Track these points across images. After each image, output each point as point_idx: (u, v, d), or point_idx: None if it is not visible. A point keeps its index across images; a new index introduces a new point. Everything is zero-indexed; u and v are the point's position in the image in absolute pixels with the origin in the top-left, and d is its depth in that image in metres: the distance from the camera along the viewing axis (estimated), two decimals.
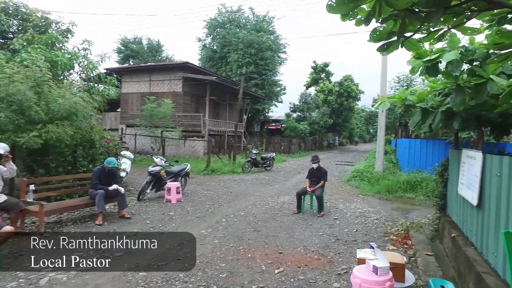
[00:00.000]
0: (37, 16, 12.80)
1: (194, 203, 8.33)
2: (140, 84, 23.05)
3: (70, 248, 5.00)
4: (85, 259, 4.56)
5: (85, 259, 4.56)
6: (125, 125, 21.88)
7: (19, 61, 8.42)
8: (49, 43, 11.41)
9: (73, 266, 4.32)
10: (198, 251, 4.95)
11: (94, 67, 11.90)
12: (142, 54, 38.06)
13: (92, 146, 8.16)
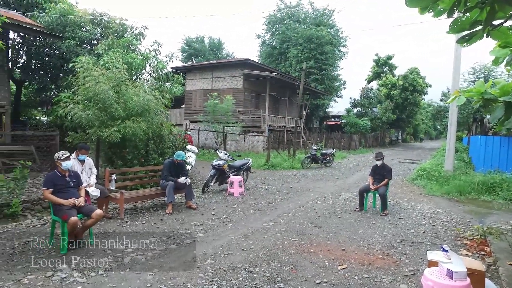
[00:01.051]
0: (116, 23, 14.06)
1: (255, 197, 8.56)
2: (203, 82, 24.09)
3: (145, 232, 5.53)
4: (158, 243, 5.00)
5: (158, 244, 5.00)
6: (189, 120, 23.06)
7: (102, 64, 9.36)
8: (125, 46, 12.49)
9: (149, 248, 4.78)
10: (261, 243, 5.11)
11: (163, 66, 12.74)
12: (204, 52, 39.67)
13: (161, 141, 8.82)
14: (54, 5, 13.20)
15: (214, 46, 41.66)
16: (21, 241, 4.85)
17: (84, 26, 13.64)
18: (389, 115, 33.73)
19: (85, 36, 13.11)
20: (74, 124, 7.96)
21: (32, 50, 14.34)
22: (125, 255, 4.49)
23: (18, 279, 3.74)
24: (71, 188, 4.78)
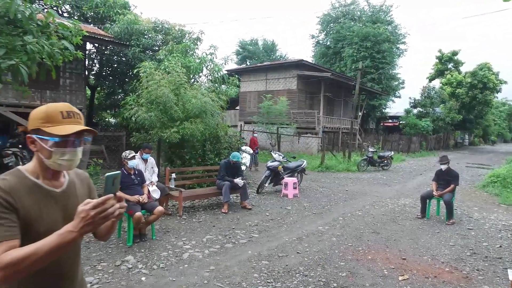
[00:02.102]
0: (175, 30, 14.83)
1: (310, 199, 8.45)
2: (257, 83, 24.39)
3: (202, 230, 5.73)
4: (214, 242, 5.16)
5: (214, 242, 5.16)
6: (244, 121, 23.48)
7: (163, 69, 9.92)
8: (184, 51, 13.11)
9: (206, 246, 4.94)
10: (316, 247, 5.02)
11: (219, 69, 13.15)
12: (258, 55, 40.18)
13: (217, 141, 9.09)
14: (122, 17, 14.31)
15: (268, 48, 42.01)
16: None
17: (147, 33, 14.59)
18: (454, 115, 31.15)
19: (148, 43, 14.01)
20: (138, 125, 8.55)
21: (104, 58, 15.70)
22: (184, 251, 4.69)
23: (93, 265, 4.11)
24: (136, 185, 5.13)
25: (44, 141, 1.24)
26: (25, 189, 1.23)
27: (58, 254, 1.10)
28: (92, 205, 1.06)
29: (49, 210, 1.27)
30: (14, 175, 1.25)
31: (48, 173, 1.31)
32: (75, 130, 1.24)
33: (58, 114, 1.26)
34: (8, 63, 4.29)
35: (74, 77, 11.77)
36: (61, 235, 1.07)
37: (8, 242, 1.10)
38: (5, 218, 1.13)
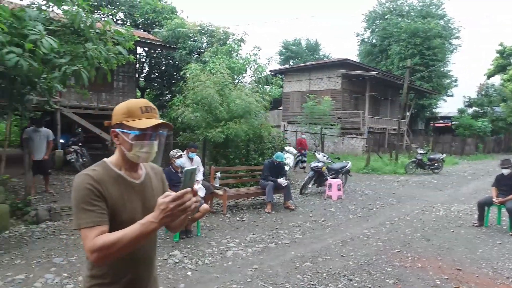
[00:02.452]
0: (219, 32, 15.17)
1: (354, 201, 8.21)
2: (300, 83, 24.19)
3: (246, 229, 5.80)
4: (257, 241, 5.20)
5: (258, 241, 5.20)
6: (287, 122, 23.42)
7: (208, 70, 10.20)
8: (228, 52, 13.37)
9: (249, 244, 5.00)
10: (362, 251, 4.87)
11: (262, 70, 13.24)
12: (301, 54, 39.80)
13: (261, 141, 9.16)
14: (170, 21, 14.93)
15: (311, 48, 41.47)
16: None
17: (193, 36, 15.08)
18: None
19: (193, 46, 14.47)
20: (184, 125, 8.88)
21: (153, 62, 16.48)
22: (228, 248, 4.79)
23: None
24: None
25: (126, 135, 1.33)
26: (111, 179, 1.33)
27: (141, 242, 1.18)
28: (172, 198, 1.11)
29: (131, 200, 1.36)
30: (102, 167, 1.35)
31: (129, 165, 1.40)
32: (153, 123, 1.32)
33: (138, 109, 1.34)
34: (72, 69, 4.66)
35: (126, 79, 12.50)
36: (144, 224, 1.14)
37: (99, 227, 1.20)
38: (96, 205, 1.24)
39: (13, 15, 4.37)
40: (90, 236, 1.18)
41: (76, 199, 1.25)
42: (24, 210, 5.66)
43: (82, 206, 1.22)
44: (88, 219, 1.21)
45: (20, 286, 3.53)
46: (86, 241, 1.18)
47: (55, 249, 4.52)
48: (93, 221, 1.21)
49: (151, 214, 1.15)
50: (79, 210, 1.23)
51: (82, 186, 1.25)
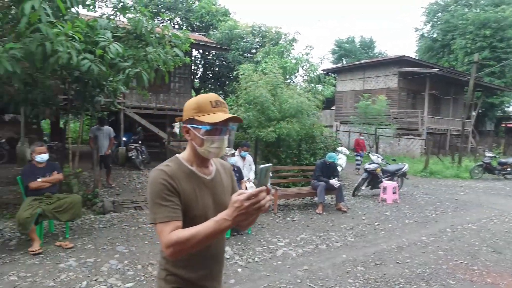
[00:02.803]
0: (272, 32, 15.28)
1: (411, 206, 7.76)
2: (354, 82, 23.43)
3: (296, 229, 5.76)
4: (308, 242, 5.14)
5: (308, 242, 5.14)
6: (339, 122, 22.84)
7: (260, 70, 10.32)
8: (280, 52, 13.40)
9: (299, 245, 4.96)
10: (419, 259, 4.59)
11: (315, 69, 13.08)
12: (355, 52, 38.54)
13: (313, 141, 9.04)
14: (223, 23, 15.37)
15: (365, 45, 39.97)
16: None
17: (246, 37, 15.37)
18: None
19: (246, 46, 14.74)
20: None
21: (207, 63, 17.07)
22: (278, 248, 4.80)
23: None
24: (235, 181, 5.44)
25: (197, 130, 1.34)
26: (184, 175, 1.34)
27: (214, 239, 1.19)
28: (246, 196, 1.09)
29: (202, 195, 1.37)
30: (175, 162, 1.37)
31: (200, 160, 1.41)
32: (224, 117, 1.30)
33: (208, 103, 1.34)
34: (134, 71, 5.01)
35: (182, 81, 13.10)
36: (217, 222, 1.13)
37: (174, 223, 1.23)
38: (170, 200, 1.26)
39: (87, 25, 4.81)
40: (166, 231, 1.20)
41: (151, 194, 1.27)
42: (93, 201, 6.20)
43: (157, 201, 1.25)
44: (162, 214, 1.23)
45: (90, 268, 3.88)
46: (162, 235, 1.21)
47: (118, 238, 4.89)
48: (167, 216, 1.23)
49: (225, 211, 1.13)
50: (154, 205, 1.25)
51: (157, 181, 1.27)
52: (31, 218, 4.12)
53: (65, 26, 4.10)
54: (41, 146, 4.69)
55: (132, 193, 7.54)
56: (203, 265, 1.40)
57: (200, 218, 1.25)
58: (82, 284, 3.49)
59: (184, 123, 1.39)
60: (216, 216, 1.15)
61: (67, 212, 4.51)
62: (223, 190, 1.46)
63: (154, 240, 4.84)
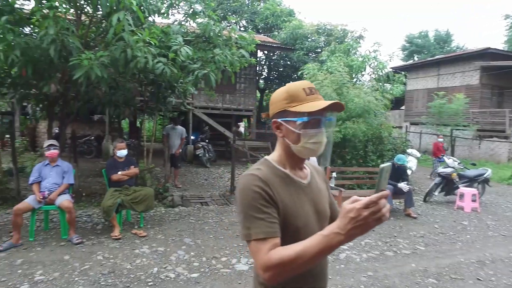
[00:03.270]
0: (337, 30, 14.91)
1: (496, 216, 6.94)
2: (427, 80, 21.73)
3: None
4: (373, 247, 4.90)
5: (373, 247, 4.90)
6: (409, 122, 21.39)
7: (325, 69, 10.13)
8: (346, 50, 13.00)
9: (364, 250, 4.76)
10: (508, 279, 4.06)
11: (383, 66, 12.42)
12: (428, 48, 35.70)
13: (380, 142, 8.60)
14: (288, 24, 15.40)
15: (441, 39, 36.76)
16: None
17: (310, 37, 15.21)
18: None
19: (311, 46, 14.59)
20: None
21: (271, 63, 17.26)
22: (341, 251, 4.66)
23: None
24: None
25: (291, 123, 1.14)
26: (279, 180, 1.13)
27: (323, 257, 0.99)
28: (365, 204, 0.89)
29: (302, 203, 1.15)
30: (265, 165, 1.17)
31: (294, 162, 1.20)
32: (327, 103, 1.09)
33: (301, 91, 1.14)
34: (202, 72, 5.28)
35: (247, 81, 13.42)
36: (327, 236, 0.93)
37: (272, 240, 1.02)
38: (266, 212, 1.05)
39: (162, 31, 5.22)
40: (263, 250, 1.00)
41: (243, 204, 1.07)
42: (164, 195, 6.67)
43: (250, 213, 1.04)
44: (258, 229, 1.02)
45: (161, 256, 4.18)
46: (258, 255, 1.00)
47: (185, 230, 5.19)
48: (264, 231, 1.02)
49: (335, 224, 0.93)
50: (248, 218, 1.05)
51: (249, 188, 1.07)
52: (112, 207, 4.60)
53: (143, 33, 4.49)
54: (122, 143, 5.19)
55: (198, 189, 7.95)
56: (307, 285, 1.17)
57: (303, 231, 1.07)
58: (153, 270, 3.79)
59: (273, 118, 1.19)
60: (323, 230, 0.95)
61: (142, 203, 4.93)
62: (321, 196, 1.25)
63: (218, 235, 5.05)
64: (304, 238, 0.99)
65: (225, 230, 5.29)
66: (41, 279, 3.49)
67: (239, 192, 1.09)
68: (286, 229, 1.08)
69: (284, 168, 1.18)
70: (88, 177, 8.12)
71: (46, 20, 4.09)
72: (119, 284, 3.46)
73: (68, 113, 6.44)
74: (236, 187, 1.14)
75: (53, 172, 4.71)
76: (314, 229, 1.08)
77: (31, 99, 6.31)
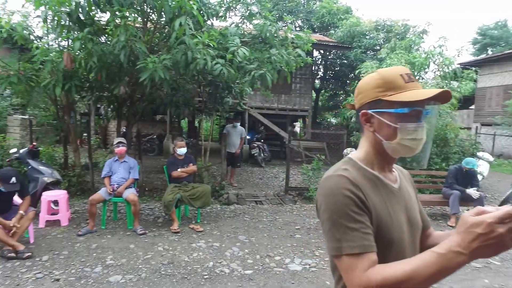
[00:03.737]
0: (398, 26, 14.12)
1: None
2: (503, 76, 19.62)
3: None
4: None
5: None
6: (480, 123, 19.54)
7: (384, 67, 9.65)
8: (408, 46, 12.25)
9: None
10: None
11: (450, 62, 11.47)
12: (506, 39, 32.19)
13: (446, 144, 7.97)
14: (345, 21, 14.97)
15: None
16: (315, 220, 5.84)
17: (369, 34, 14.60)
18: None
19: (369, 43, 14.00)
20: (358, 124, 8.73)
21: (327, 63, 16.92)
22: None
23: (312, 250, 4.54)
24: None
25: (387, 116, 0.97)
26: (369, 183, 0.97)
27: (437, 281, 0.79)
28: (499, 217, 0.71)
29: (396, 211, 0.98)
30: (352, 165, 1.00)
31: (385, 162, 1.04)
32: (434, 92, 0.91)
33: (399, 77, 0.97)
34: (259, 73, 5.37)
35: (303, 81, 13.32)
36: (443, 256, 0.76)
37: (369, 255, 0.85)
38: (360, 221, 0.88)
39: (220, 34, 5.41)
40: (359, 268, 0.84)
41: (332, 211, 0.90)
42: (220, 192, 6.89)
43: (341, 221, 0.88)
44: (352, 242, 0.86)
45: (216, 251, 4.33)
46: (353, 274, 0.84)
47: (240, 228, 5.30)
48: (360, 245, 0.86)
49: (453, 240, 0.76)
50: (338, 228, 0.88)
51: (339, 192, 0.90)
52: (172, 202, 4.87)
53: (202, 36, 4.69)
54: (182, 141, 5.47)
55: (253, 188, 8.08)
56: None
57: (396, 245, 0.92)
58: (209, 264, 3.93)
59: (362, 109, 1.02)
60: (438, 247, 0.78)
61: (199, 199, 5.14)
62: (411, 203, 1.07)
63: (272, 234, 5.08)
64: (396, 253, 0.88)
65: (279, 230, 5.30)
66: (111, 263, 3.83)
67: (325, 197, 0.92)
68: (378, 242, 0.90)
69: (372, 169, 1.02)
70: (150, 173, 8.68)
71: (118, 29, 4.48)
72: (178, 274, 3.65)
73: (134, 113, 6.96)
74: (320, 190, 0.97)
75: (121, 167, 5.13)
76: (407, 242, 0.94)
77: (104, 100, 6.95)
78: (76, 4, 4.60)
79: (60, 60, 5.08)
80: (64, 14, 4.70)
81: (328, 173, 0.99)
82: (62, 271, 3.61)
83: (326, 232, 0.92)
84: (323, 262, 4.15)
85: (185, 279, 3.56)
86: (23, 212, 3.96)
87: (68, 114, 6.55)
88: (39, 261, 3.81)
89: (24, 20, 5.37)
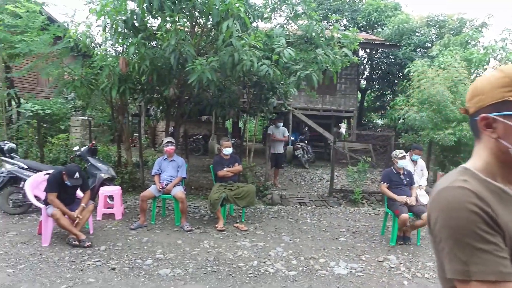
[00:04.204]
0: (452, 20, 13.26)
1: None
2: None
3: None
4: None
5: None
6: None
7: (437, 65, 9.12)
8: (463, 42, 11.47)
9: None
10: None
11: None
12: None
13: None
14: (393, 18, 14.36)
15: None
16: (360, 224, 5.69)
17: (419, 31, 13.86)
18: None
19: (419, 41, 13.31)
20: (406, 126, 8.32)
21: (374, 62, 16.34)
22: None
23: (358, 254, 4.41)
24: (404, 186, 5.01)
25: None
26: (494, 197, 0.81)
27: None
28: None
29: None
30: (470, 176, 0.86)
31: (509, 173, 0.87)
32: None
33: None
34: (304, 73, 5.33)
35: (348, 82, 12.99)
36: None
37: (508, 285, 0.72)
38: (492, 242, 0.75)
39: (266, 35, 5.46)
40: None
41: (453, 228, 0.77)
42: (264, 193, 6.94)
43: (467, 240, 0.75)
44: (484, 267, 0.73)
45: (260, 251, 4.37)
46: None
47: (284, 228, 5.29)
48: (495, 271, 0.72)
49: None
50: (464, 249, 0.76)
51: (463, 207, 0.78)
52: (218, 200, 5.00)
53: (248, 38, 4.76)
54: (228, 141, 5.59)
55: (297, 189, 8.03)
56: None
57: None
58: (253, 263, 3.98)
59: (481, 113, 0.87)
60: None
61: (244, 199, 5.22)
62: None
63: (316, 236, 5.02)
64: None
65: (323, 232, 5.23)
66: (161, 257, 4.02)
67: (442, 212, 0.80)
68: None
69: (494, 180, 0.86)
70: (196, 172, 8.97)
71: (169, 33, 4.70)
72: (223, 271, 3.74)
73: (182, 114, 7.24)
74: (434, 204, 0.85)
75: (170, 166, 5.36)
76: None
77: (154, 102, 7.32)
78: (131, 12, 4.92)
79: (116, 65, 5.47)
80: (121, 22, 5.03)
81: (443, 184, 0.86)
82: (117, 261, 3.86)
83: (446, 252, 0.79)
84: (370, 267, 4.02)
85: (230, 276, 3.64)
86: (84, 204, 4.31)
87: (122, 115, 6.98)
88: (97, 250, 4.11)
89: (87, 30, 5.84)
